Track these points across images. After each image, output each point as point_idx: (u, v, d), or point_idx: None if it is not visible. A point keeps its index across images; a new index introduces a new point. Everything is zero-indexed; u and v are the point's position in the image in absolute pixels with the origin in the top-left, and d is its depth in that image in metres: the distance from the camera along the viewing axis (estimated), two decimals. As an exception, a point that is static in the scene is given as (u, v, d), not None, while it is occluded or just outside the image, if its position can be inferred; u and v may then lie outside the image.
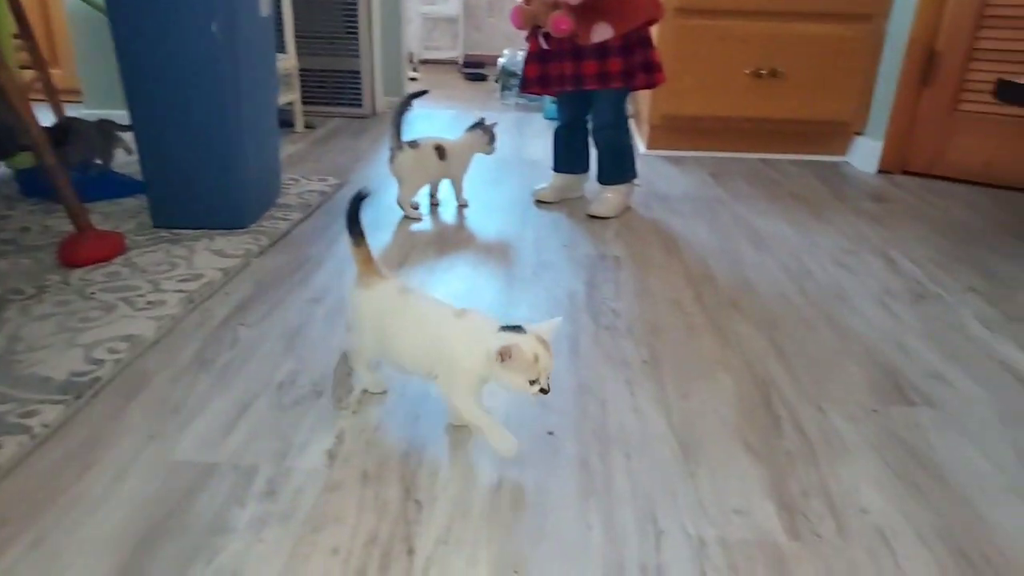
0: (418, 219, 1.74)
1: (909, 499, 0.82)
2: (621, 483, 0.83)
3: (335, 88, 2.85)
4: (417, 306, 0.91)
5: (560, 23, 1.59)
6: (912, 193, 2.02)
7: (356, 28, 2.75)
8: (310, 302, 1.27)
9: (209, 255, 1.42)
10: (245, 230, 1.57)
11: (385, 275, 0.96)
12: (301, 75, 2.63)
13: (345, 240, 1.02)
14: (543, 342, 0.82)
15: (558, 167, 1.90)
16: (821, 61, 2.18)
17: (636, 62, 1.69)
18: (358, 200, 0.96)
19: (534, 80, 1.78)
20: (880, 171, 2.22)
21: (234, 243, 1.49)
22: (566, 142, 1.88)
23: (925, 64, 2.07)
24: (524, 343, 0.80)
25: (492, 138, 1.81)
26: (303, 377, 1.03)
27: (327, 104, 2.86)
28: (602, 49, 1.65)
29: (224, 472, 0.83)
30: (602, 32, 1.62)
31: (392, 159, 1.70)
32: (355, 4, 2.72)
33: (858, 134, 2.29)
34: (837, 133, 2.33)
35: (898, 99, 2.13)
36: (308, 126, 2.64)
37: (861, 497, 0.82)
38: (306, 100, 2.74)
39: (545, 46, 1.72)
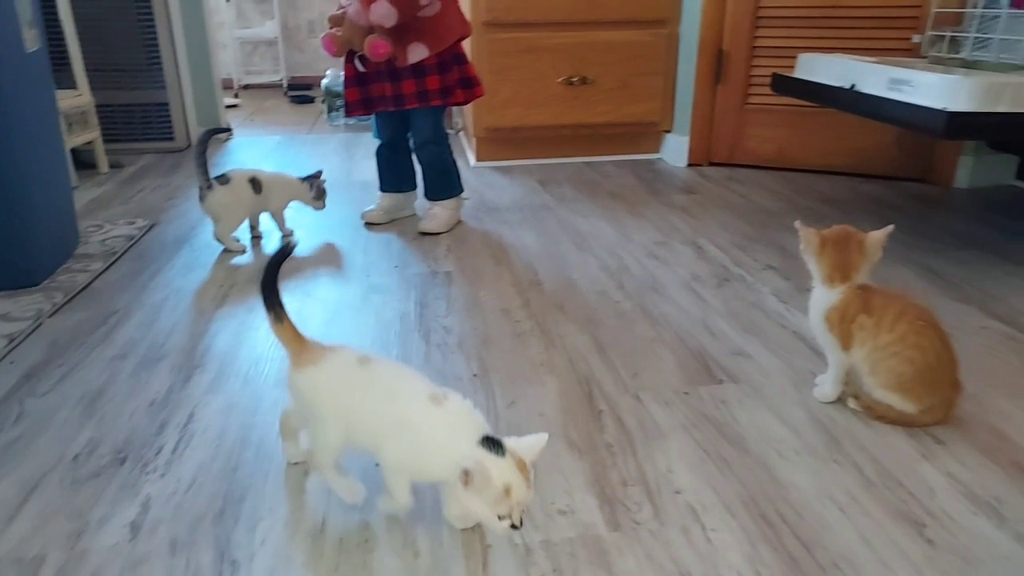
0: (240, 251, 1.66)
1: (717, 474, 0.88)
2: (449, 504, 0.82)
3: (142, 122, 2.65)
4: (383, 379, 0.77)
5: (378, 48, 1.58)
6: (717, 183, 2.19)
7: (159, 58, 2.58)
8: (114, 359, 1.17)
9: (-10, 321, 1.27)
10: (36, 287, 1.42)
11: (330, 347, 0.81)
12: (102, 111, 2.43)
13: (261, 310, 0.85)
14: (522, 468, 0.69)
15: (385, 187, 1.88)
16: (625, 66, 2.32)
17: (453, 79, 1.71)
18: (277, 262, 0.81)
19: (357, 103, 1.76)
20: (690, 164, 2.39)
21: (22, 304, 1.35)
22: (389, 161, 1.86)
23: (716, 63, 2.26)
24: (497, 470, 0.67)
25: (320, 194, 1.76)
26: (104, 444, 0.94)
27: (135, 140, 2.66)
28: (419, 68, 1.67)
29: (4, 570, 0.74)
30: (418, 52, 1.64)
31: (202, 198, 1.60)
32: (154, 33, 2.55)
33: (667, 132, 2.45)
34: (648, 132, 2.48)
35: (696, 97, 2.31)
36: (115, 165, 2.44)
37: (675, 478, 0.87)
38: (111, 138, 2.53)
39: (362, 69, 1.70)
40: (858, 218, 1.83)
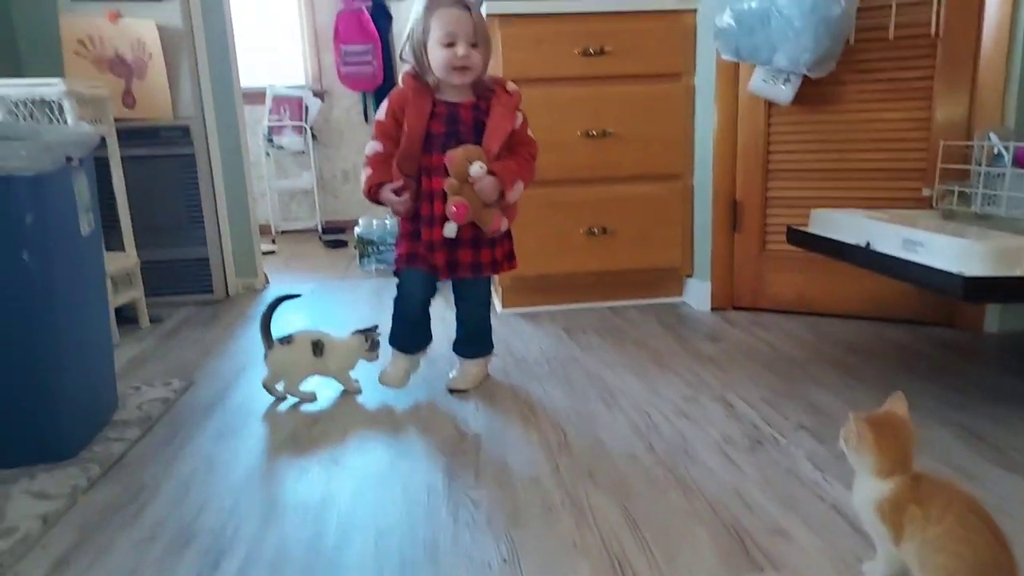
0: (311, 399, 1.75)
1: None
2: None
3: (183, 276, 2.78)
4: None
5: (497, 221, 1.63)
6: (742, 329, 2.21)
7: (201, 217, 2.74)
8: (142, 543, 1.16)
9: (27, 499, 1.29)
10: (73, 459, 1.44)
11: None
12: (144, 267, 2.56)
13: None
14: None
15: (410, 348, 1.82)
16: (644, 217, 2.41)
17: (511, 246, 1.77)
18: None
19: (443, 267, 1.67)
20: (713, 308, 2.42)
21: (58, 479, 1.36)
22: (420, 322, 1.83)
23: (731, 213, 2.34)
24: None
25: (373, 346, 1.81)
26: (128, 646, 0.92)
27: (175, 294, 2.77)
28: (497, 237, 1.69)
29: None
30: (504, 223, 1.67)
31: (266, 356, 1.72)
32: (198, 193, 2.73)
33: (689, 276, 2.50)
34: (671, 277, 2.53)
35: (715, 244, 2.37)
36: (155, 319, 2.53)
37: None
38: (152, 292, 2.65)
39: (452, 236, 1.62)
40: (887, 369, 1.82)
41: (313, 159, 4.68)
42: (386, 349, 1.82)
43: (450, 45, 1.53)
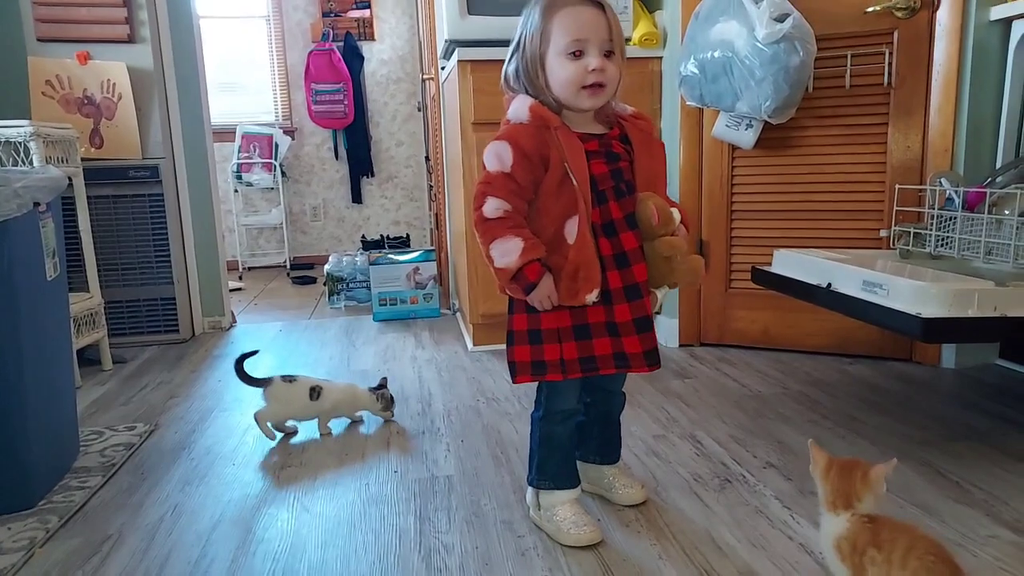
0: (270, 438, 1.74)
1: None
2: None
3: (148, 316, 2.73)
4: None
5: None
6: (710, 365, 2.24)
7: (168, 255, 2.72)
8: (105, 598, 1.13)
9: (-19, 554, 1.24)
10: (32, 510, 1.40)
11: None
12: (109, 306, 2.52)
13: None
14: None
15: (576, 479, 1.32)
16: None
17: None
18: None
19: (573, 363, 1.19)
20: (681, 344, 2.45)
21: (15, 531, 1.32)
22: (573, 443, 1.33)
23: (697, 251, 2.39)
24: None
25: (387, 404, 1.85)
26: None
27: (140, 333, 2.72)
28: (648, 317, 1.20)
29: None
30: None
31: (264, 392, 1.75)
32: (165, 232, 2.70)
33: (657, 313, 2.54)
34: (640, 314, 2.57)
35: (683, 283, 2.42)
36: (118, 360, 2.48)
37: None
38: (115, 332, 2.61)
39: (594, 301, 1.16)
40: (851, 404, 1.86)
41: (282, 195, 4.67)
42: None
43: (578, 55, 1.14)
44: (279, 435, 1.77)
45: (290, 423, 1.81)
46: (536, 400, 1.29)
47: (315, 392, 1.77)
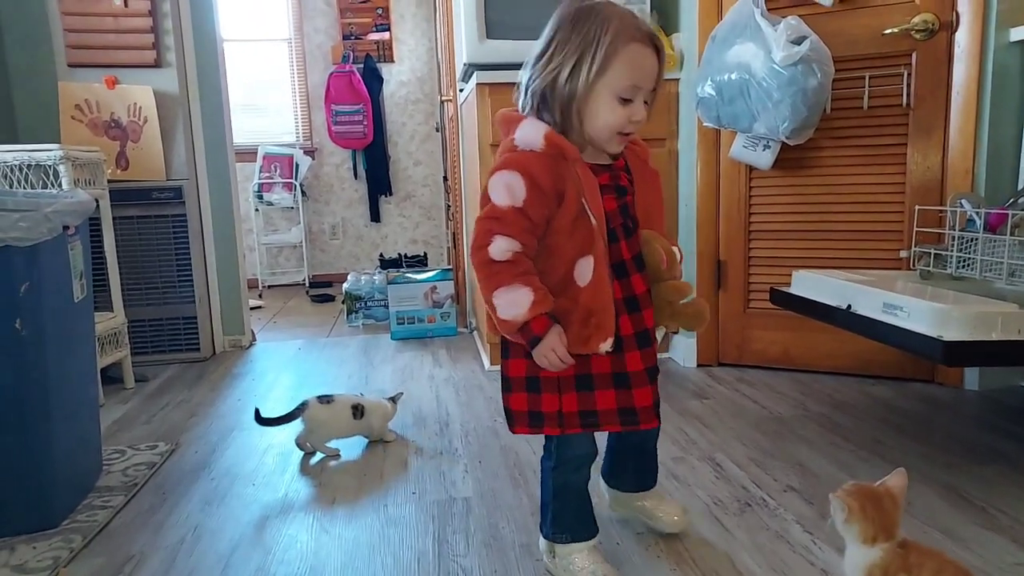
0: (335, 455, 1.79)
1: None
2: None
3: (170, 335, 2.77)
4: None
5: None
6: (728, 386, 2.23)
7: (191, 275, 2.75)
8: (127, 618, 1.14)
9: (5, 573, 1.26)
10: (55, 529, 1.42)
11: None
12: (131, 325, 2.55)
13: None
14: None
15: (594, 529, 1.22)
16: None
17: None
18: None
19: (572, 417, 1.11)
20: (699, 364, 2.44)
21: (40, 550, 1.34)
22: (588, 490, 1.23)
23: (715, 271, 2.38)
24: None
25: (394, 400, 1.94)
26: None
27: (162, 352, 2.76)
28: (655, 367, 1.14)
29: None
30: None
31: (302, 416, 1.77)
32: (188, 252, 2.75)
33: (675, 333, 2.53)
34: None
35: (701, 303, 2.41)
36: (140, 379, 2.51)
37: None
38: (138, 351, 2.64)
39: (608, 349, 1.07)
40: (873, 427, 1.84)
41: (302, 214, 4.73)
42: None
43: (627, 101, 1.03)
44: (335, 446, 1.80)
45: (332, 444, 1.80)
46: (545, 448, 1.18)
47: (358, 411, 1.81)
